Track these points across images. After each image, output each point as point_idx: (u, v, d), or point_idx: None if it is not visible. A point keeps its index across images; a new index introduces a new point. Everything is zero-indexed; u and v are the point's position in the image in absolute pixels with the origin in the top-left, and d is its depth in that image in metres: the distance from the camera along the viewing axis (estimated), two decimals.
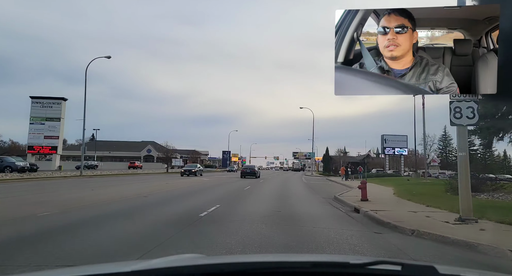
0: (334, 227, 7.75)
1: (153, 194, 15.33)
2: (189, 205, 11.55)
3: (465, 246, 5.98)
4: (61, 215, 8.79)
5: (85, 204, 11.16)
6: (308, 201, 14.84)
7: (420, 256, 5.42)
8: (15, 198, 13.11)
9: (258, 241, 6.08)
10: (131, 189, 17.98)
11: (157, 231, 6.97)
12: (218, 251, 5.30)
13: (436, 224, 7.77)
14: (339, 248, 5.75)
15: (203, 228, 7.34)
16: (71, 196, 14.12)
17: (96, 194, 14.93)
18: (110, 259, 4.79)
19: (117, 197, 13.56)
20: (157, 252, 5.08)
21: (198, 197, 14.70)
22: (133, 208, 10.47)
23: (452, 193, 15.32)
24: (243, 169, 42.88)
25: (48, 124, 50.45)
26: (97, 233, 6.66)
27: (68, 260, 4.61)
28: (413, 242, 6.56)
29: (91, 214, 9.05)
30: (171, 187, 20.54)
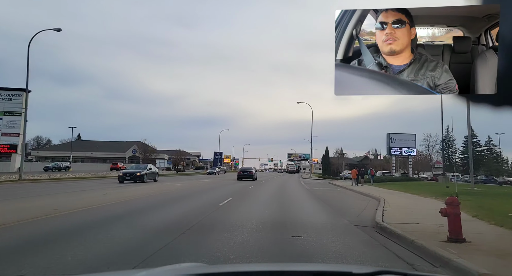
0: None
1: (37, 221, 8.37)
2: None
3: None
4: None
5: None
6: (335, 239, 7.06)
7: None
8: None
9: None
10: (32, 207, 11.21)
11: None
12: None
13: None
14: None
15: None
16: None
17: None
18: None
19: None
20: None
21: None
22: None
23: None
24: (240, 171, 42.04)
25: (7, 119, 43.66)
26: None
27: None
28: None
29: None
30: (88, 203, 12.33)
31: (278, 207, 13.29)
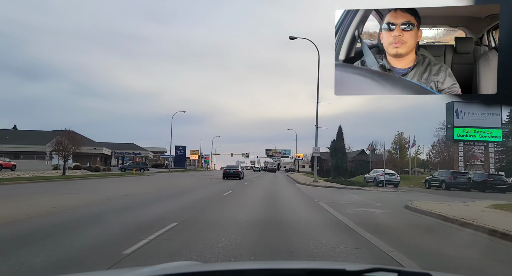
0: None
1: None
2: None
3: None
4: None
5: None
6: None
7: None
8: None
9: None
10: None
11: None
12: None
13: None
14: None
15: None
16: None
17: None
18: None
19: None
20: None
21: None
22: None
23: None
24: (225, 169, 39.94)
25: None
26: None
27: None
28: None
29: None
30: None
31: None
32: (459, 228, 9.82)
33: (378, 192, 26.21)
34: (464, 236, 9.05)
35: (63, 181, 28.68)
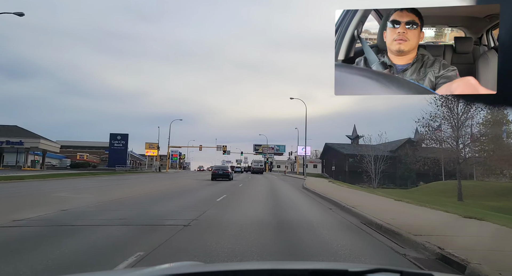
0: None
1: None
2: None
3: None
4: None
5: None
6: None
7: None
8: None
9: None
10: None
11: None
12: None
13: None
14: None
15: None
16: None
17: None
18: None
19: None
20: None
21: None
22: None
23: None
24: (214, 170, 37.62)
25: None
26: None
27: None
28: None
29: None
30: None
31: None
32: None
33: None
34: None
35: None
